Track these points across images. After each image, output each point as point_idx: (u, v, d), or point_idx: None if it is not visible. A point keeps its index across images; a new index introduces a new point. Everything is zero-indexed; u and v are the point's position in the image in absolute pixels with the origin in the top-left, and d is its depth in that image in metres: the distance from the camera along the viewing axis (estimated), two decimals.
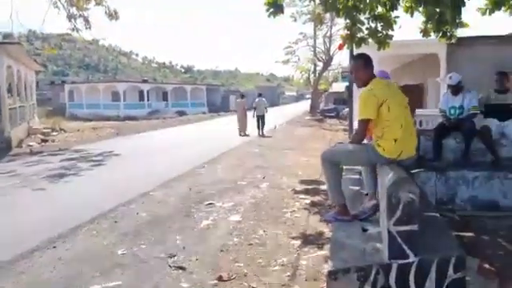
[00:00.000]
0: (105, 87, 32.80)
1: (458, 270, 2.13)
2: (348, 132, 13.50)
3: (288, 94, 74.41)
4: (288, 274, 3.05)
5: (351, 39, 5.99)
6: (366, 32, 5.86)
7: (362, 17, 5.69)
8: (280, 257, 3.41)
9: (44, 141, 14.05)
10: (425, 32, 5.80)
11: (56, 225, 4.48)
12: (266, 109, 15.49)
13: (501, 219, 3.96)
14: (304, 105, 45.07)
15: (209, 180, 6.83)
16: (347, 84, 17.25)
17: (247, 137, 14.51)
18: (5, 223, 4.73)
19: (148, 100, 34.51)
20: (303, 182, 6.49)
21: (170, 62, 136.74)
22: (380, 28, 5.80)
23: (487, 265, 2.76)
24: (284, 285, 2.90)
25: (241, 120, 15.27)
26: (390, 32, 5.84)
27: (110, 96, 33.08)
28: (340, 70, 28.62)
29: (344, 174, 3.06)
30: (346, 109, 19.59)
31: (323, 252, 3.43)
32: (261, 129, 15.06)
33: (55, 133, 16.52)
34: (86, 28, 12.10)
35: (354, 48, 6.73)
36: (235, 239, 3.90)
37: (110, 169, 8.55)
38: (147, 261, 3.42)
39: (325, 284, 2.81)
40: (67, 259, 3.52)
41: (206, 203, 5.25)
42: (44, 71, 39.00)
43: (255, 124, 15.12)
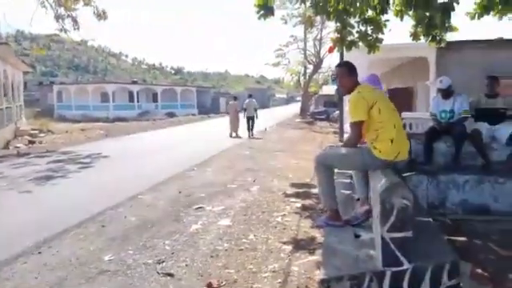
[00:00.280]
0: (94, 88, 32.38)
1: (453, 277, 2.11)
2: (338, 135, 13.55)
3: (278, 97, 74.68)
4: (279, 281, 2.98)
5: (341, 42, 6.00)
6: (357, 35, 5.87)
7: (353, 20, 5.70)
8: (271, 262, 3.34)
9: (31, 142, 13.76)
10: (415, 36, 5.82)
11: (42, 228, 4.36)
12: (256, 110, 15.52)
13: (491, 223, 3.97)
14: (294, 107, 45.25)
15: (199, 183, 6.73)
16: (337, 87, 17.26)
17: (238, 138, 14.49)
18: None
19: (138, 101, 34.21)
20: (294, 185, 6.44)
21: (160, 64, 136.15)
22: (370, 31, 5.82)
23: (480, 270, 2.74)
24: None
25: (233, 122, 15.29)
26: (380, 35, 5.87)
27: (100, 97, 32.68)
28: (330, 73, 28.81)
29: (335, 178, 3.01)
30: (337, 111, 19.73)
31: (315, 257, 3.38)
32: (251, 130, 15.14)
33: (43, 134, 16.19)
34: (75, 29, 11.86)
35: (345, 51, 6.75)
36: (225, 244, 3.82)
37: (99, 171, 8.39)
38: (135, 267, 3.32)
39: None
40: (53, 265, 3.40)
41: (196, 207, 5.16)
42: (32, 72, 38.33)
43: (245, 126, 15.17)
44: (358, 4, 5.38)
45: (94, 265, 3.39)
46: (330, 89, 29.11)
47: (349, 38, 5.88)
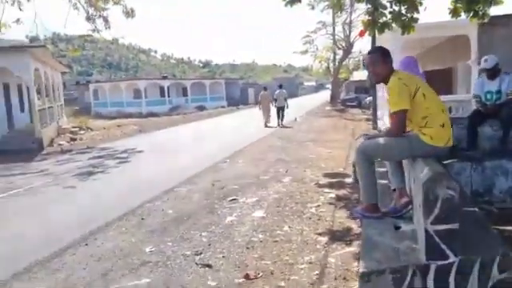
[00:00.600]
0: (127, 85, 33.41)
1: (504, 270, 1.97)
2: (372, 122, 13.14)
3: (307, 85, 73.41)
4: (316, 273, 2.96)
5: (373, 25, 5.73)
6: (389, 16, 5.59)
7: (385, 0, 5.42)
8: (307, 254, 3.32)
9: (73, 139, 14.57)
10: (454, 12, 5.45)
11: (87, 222, 4.62)
12: (287, 100, 15.86)
13: None
14: (324, 95, 44.36)
15: (231, 175, 6.80)
16: (369, 75, 16.68)
17: (268, 129, 14.73)
18: (41, 221, 4.90)
19: (169, 96, 34.91)
20: (327, 175, 6.35)
21: (188, 58, 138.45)
22: (404, 11, 5.52)
23: None
24: (313, 284, 2.82)
25: (265, 112, 15.89)
26: (416, 15, 5.55)
27: (132, 93, 33.68)
28: (361, 58, 27.87)
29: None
30: (369, 98, 19.09)
31: (352, 249, 3.32)
32: (281, 120, 15.60)
33: (82, 131, 17.04)
34: (106, 28, 12.26)
35: (377, 34, 6.46)
36: (260, 236, 3.84)
37: (135, 165, 8.72)
38: (174, 258, 3.43)
39: (355, 283, 2.71)
40: (99, 256, 3.60)
41: (230, 199, 5.22)
42: (69, 72, 40.19)
43: (276, 116, 15.64)
44: None
45: (136, 256, 3.53)
46: (361, 74, 28.20)
47: (381, 20, 5.61)
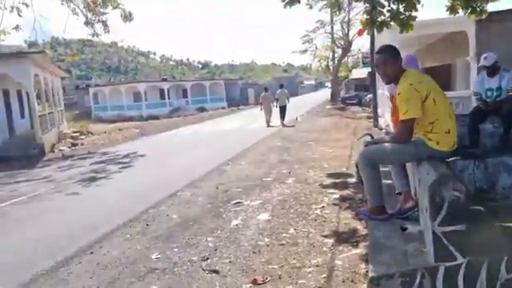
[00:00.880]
0: (126, 88, 33.46)
1: None
2: (373, 119, 13.15)
3: (307, 83, 73.37)
4: (324, 276, 2.96)
5: (372, 24, 5.73)
6: (388, 15, 5.59)
7: None
8: (314, 257, 3.33)
9: (74, 145, 14.57)
10: (452, 9, 5.47)
11: (91, 229, 4.61)
12: (288, 99, 16.34)
13: None
14: (324, 93, 44.37)
15: (234, 177, 6.81)
16: (369, 70, 16.76)
17: (270, 129, 14.90)
18: (46, 229, 4.90)
19: (169, 98, 34.94)
20: (330, 176, 6.35)
21: (188, 59, 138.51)
22: (402, 9, 5.52)
23: None
24: (321, 287, 2.83)
25: (267, 112, 16.18)
26: (414, 13, 5.55)
27: (132, 97, 33.73)
28: (360, 55, 27.85)
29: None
30: (369, 95, 19.08)
31: (358, 250, 3.33)
32: (282, 119, 15.92)
33: (83, 136, 17.07)
34: (105, 32, 12.30)
35: (375, 33, 6.46)
36: (266, 239, 3.85)
37: (138, 170, 8.72)
38: (181, 265, 3.43)
39: (363, 286, 2.72)
40: (105, 264, 3.59)
41: (234, 202, 5.23)
42: (69, 76, 40.19)
43: (278, 115, 16.00)
44: None
45: (143, 263, 3.54)
46: (361, 72, 28.16)
47: (379, 19, 5.62)
